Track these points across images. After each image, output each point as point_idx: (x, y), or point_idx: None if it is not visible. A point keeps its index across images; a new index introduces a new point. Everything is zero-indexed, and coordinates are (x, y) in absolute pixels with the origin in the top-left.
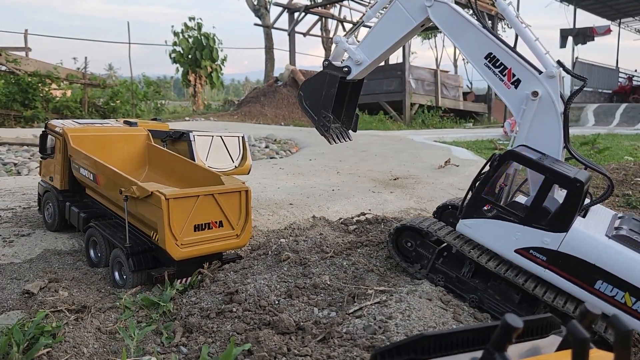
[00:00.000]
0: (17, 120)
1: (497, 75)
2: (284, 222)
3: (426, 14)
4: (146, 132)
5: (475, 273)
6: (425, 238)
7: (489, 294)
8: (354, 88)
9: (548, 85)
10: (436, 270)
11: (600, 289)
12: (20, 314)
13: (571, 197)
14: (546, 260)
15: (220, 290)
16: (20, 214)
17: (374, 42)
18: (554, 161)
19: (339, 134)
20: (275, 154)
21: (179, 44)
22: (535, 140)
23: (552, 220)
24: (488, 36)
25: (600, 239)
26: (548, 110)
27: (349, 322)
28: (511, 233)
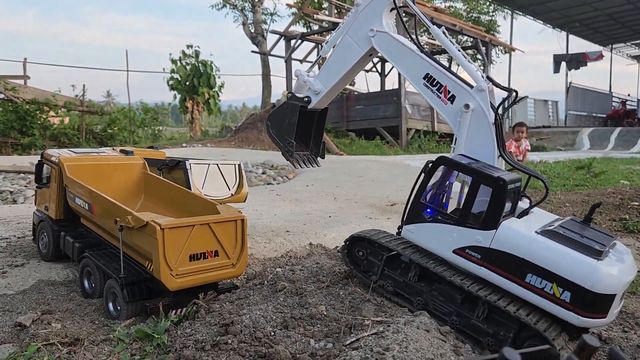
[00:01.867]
0: (14, 147)
1: (434, 93)
2: (281, 249)
3: (371, 43)
4: (142, 161)
5: (421, 277)
6: (374, 247)
7: (434, 296)
8: (319, 117)
9: (479, 97)
10: (385, 277)
11: (531, 282)
12: (11, 347)
13: (496, 194)
14: (480, 257)
15: (215, 321)
16: (15, 244)
17: (329, 72)
18: (485, 166)
19: (305, 160)
20: (272, 180)
21: (176, 71)
22: (472, 150)
23: (483, 219)
24: (425, 59)
25: (528, 234)
26: (480, 120)
27: (346, 354)
28: (448, 234)
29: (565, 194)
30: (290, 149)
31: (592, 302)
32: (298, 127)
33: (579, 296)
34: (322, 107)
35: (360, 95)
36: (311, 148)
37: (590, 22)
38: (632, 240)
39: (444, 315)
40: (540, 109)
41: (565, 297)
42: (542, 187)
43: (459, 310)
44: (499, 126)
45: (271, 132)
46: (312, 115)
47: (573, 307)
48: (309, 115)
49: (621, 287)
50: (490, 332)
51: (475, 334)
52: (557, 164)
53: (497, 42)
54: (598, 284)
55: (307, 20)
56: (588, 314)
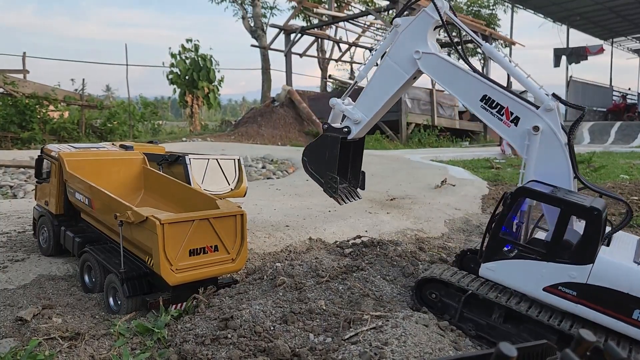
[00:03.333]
0: (14, 142)
1: (495, 115)
2: (280, 244)
3: (416, 66)
4: (142, 156)
5: (506, 318)
6: (449, 288)
7: (524, 338)
8: (356, 146)
9: (547, 118)
10: (465, 320)
11: (639, 318)
12: (12, 342)
13: (591, 226)
14: (576, 294)
15: (215, 316)
16: (15, 239)
17: (370, 99)
18: (567, 192)
19: (347, 194)
20: (272, 174)
21: (176, 65)
22: (545, 174)
23: (576, 253)
24: (480, 79)
25: (629, 266)
26: (551, 142)
27: (345, 349)
28: (536, 271)
29: None
30: (334, 185)
31: None
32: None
33: None
34: (361, 136)
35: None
36: (349, 179)
37: (591, 16)
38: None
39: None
40: None
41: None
42: None
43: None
44: (572, 147)
45: (309, 168)
46: (349, 145)
47: None
48: (345, 145)
49: None
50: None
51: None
52: None
53: (498, 36)
54: None
55: (307, 14)
56: None
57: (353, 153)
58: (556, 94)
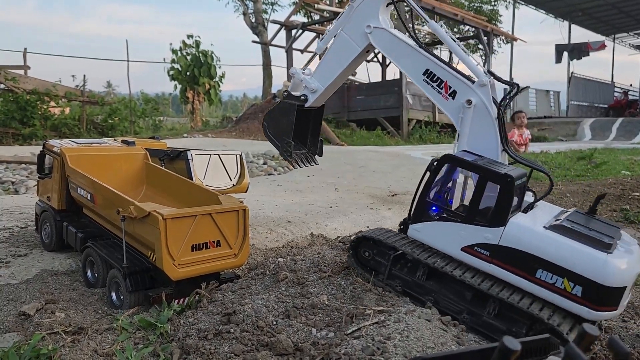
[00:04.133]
0: (15, 138)
1: (435, 89)
2: (282, 240)
3: (368, 40)
4: (144, 152)
5: (430, 276)
6: (380, 247)
7: (444, 295)
8: (316, 115)
9: (481, 93)
10: (393, 277)
11: (541, 277)
12: (16, 336)
13: (503, 191)
14: (489, 255)
15: (217, 310)
16: (18, 234)
17: (326, 70)
18: (490, 162)
19: (303, 159)
20: (273, 170)
21: (177, 61)
22: (475, 145)
23: (491, 216)
24: (424, 54)
25: (537, 230)
26: (483, 116)
27: (347, 343)
28: (456, 232)
29: (566, 185)
30: (288, 149)
31: (603, 296)
32: (295, 126)
33: (590, 290)
34: (319, 105)
35: (361, 86)
36: (308, 146)
37: (593, 12)
38: (632, 230)
39: (455, 314)
40: (541, 100)
41: (576, 292)
42: (543, 178)
43: (470, 307)
44: (502, 121)
45: (268, 132)
46: (309, 114)
47: (584, 301)
48: (305, 113)
49: (631, 278)
50: (503, 329)
51: (488, 331)
52: (558, 154)
53: (499, 32)
54: (609, 278)
55: (308, 10)
56: (599, 307)
57: (313, 122)
58: (492, 71)
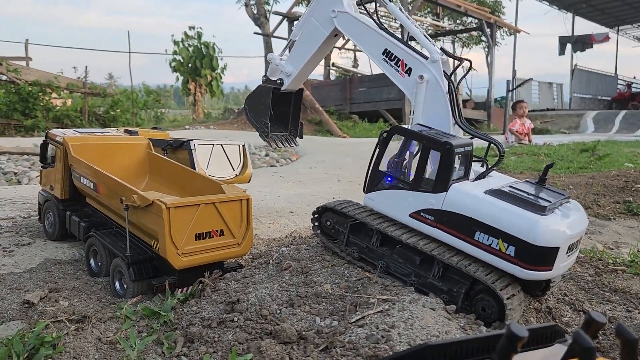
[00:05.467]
0: (17, 129)
1: (393, 67)
2: (285, 230)
3: (333, 24)
4: (147, 141)
5: (383, 242)
6: (340, 216)
7: (394, 259)
8: (296, 99)
9: (432, 68)
10: (351, 244)
11: (479, 239)
12: (20, 324)
13: (444, 158)
14: (434, 219)
15: (221, 299)
16: (21, 224)
17: (298, 54)
18: (438, 133)
19: (283, 140)
20: (275, 162)
21: (179, 52)
22: (429, 119)
23: (434, 183)
24: (383, 35)
25: (475, 194)
26: (435, 90)
27: (352, 332)
28: (404, 199)
29: (569, 177)
30: (265, 130)
31: (535, 255)
32: (276, 109)
33: (522, 250)
34: (296, 89)
35: (363, 78)
36: (290, 129)
37: (597, 3)
38: (635, 222)
39: (404, 277)
40: (544, 92)
41: (510, 252)
42: None
43: (417, 270)
44: (454, 95)
45: (249, 115)
46: (289, 98)
47: (517, 261)
48: (285, 97)
49: (564, 240)
50: (445, 290)
51: (432, 291)
52: (561, 146)
53: (502, 23)
54: (539, 237)
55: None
56: (532, 266)
57: (294, 105)
58: (444, 49)
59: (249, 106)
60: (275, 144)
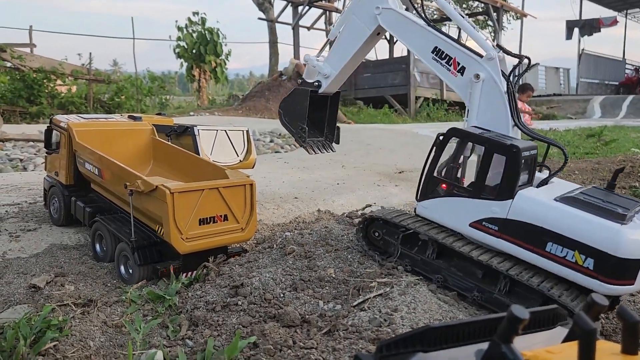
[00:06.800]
0: (22, 116)
1: (444, 66)
2: (289, 215)
3: (377, 22)
4: (151, 127)
5: (439, 254)
6: (390, 226)
7: (452, 272)
8: (332, 102)
9: (489, 67)
10: (403, 256)
11: (551, 251)
12: (27, 308)
13: (510, 163)
14: (498, 229)
15: (225, 283)
16: (27, 209)
17: (338, 55)
18: (498, 135)
19: (320, 146)
20: (280, 148)
21: (183, 39)
22: (485, 121)
23: (498, 189)
24: (432, 32)
25: (546, 202)
26: (492, 90)
27: (354, 315)
28: (463, 208)
29: (575, 162)
30: (303, 135)
31: (617, 268)
32: (311, 113)
33: (603, 263)
34: (334, 91)
35: (368, 63)
36: (326, 134)
37: None
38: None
39: (464, 292)
40: (551, 77)
41: (588, 265)
42: (560, 156)
43: (480, 285)
44: (512, 95)
45: (284, 119)
46: (325, 101)
47: (597, 275)
48: (321, 100)
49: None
50: None
51: (499, 308)
52: (567, 132)
53: (509, 7)
54: (623, 249)
55: None
56: (613, 280)
57: (330, 109)
58: (500, 45)
59: (284, 110)
60: (312, 150)
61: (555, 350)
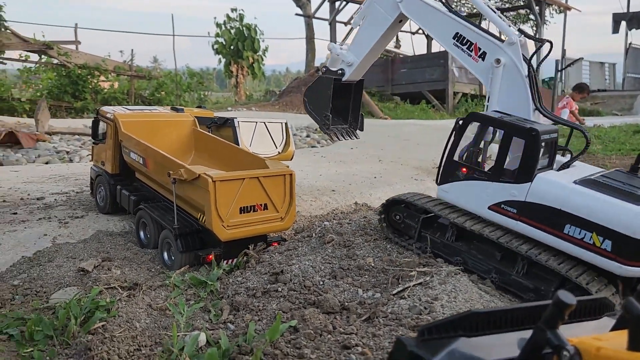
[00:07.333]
0: (67, 111)
1: (465, 52)
2: (327, 207)
3: (399, 10)
4: (192, 118)
5: (459, 236)
6: (410, 209)
7: (472, 255)
8: (356, 90)
9: (510, 51)
10: (423, 239)
11: (569, 233)
12: (76, 290)
13: (529, 146)
14: (516, 212)
15: (265, 270)
16: (74, 198)
17: (360, 43)
18: (518, 119)
19: (344, 133)
20: (316, 142)
21: (221, 35)
22: (506, 105)
23: (517, 172)
24: (454, 18)
25: (564, 184)
26: (513, 74)
27: (394, 303)
28: (483, 191)
29: (620, 158)
30: (327, 122)
31: (635, 250)
32: (335, 101)
33: (620, 244)
34: (357, 79)
35: (405, 58)
36: (350, 121)
37: None
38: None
39: (483, 273)
40: (595, 72)
41: (606, 246)
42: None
43: (499, 267)
44: (533, 79)
45: (308, 107)
46: (349, 89)
47: (615, 256)
48: (345, 89)
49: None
50: (531, 287)
51: (516, 290)
52: (612, 128)
53: (552, 0)
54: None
55: None
56: (632, 262)
57: (354, 96)
58: (522, 29)
59: (308, 98)
60: (337, 137)
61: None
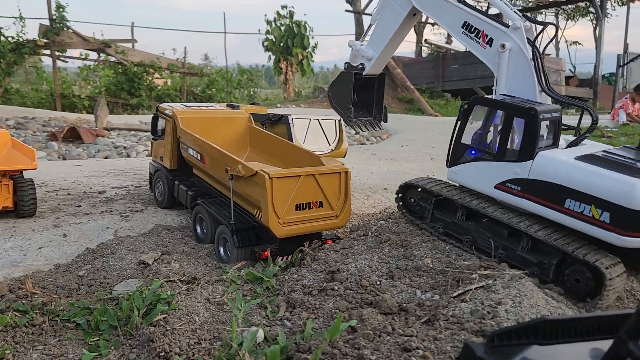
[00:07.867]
0: (124, 108)
1: (474, 39)
2: (379, 206)
3: (411, 3)
4: (248, 115)
5: (468, 216)
6: (423, 192)
7: (481, 233)
8: (379, 83)
9: (515, 36)
10: (435, 219)
11: (570, 207)
12: (137, 282)
13: (528, 124)
14: (520, 189)
15: (321, 268)
16: (133, 192)
17: (378, 37)
18: (522, 101)
19: (367, 124)
20: (365, 140)
21: (271, 32)
22: (513, 88)
23: (519, 151)
24: (462, 8)
25: (565, 160)
26: (518, 58)
27: (455, 306)
28: (489, 171)
29: None
30: (349, 115)
31: (633, 221)
32: (359, 94)
33: (618, 216)
34: (378, 73)
35: (457, 54)
36: (374, 114)
37: None
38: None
39: (491, 250)
40: None
41: (604, 218)
42: None
43: (506, 244)
44: (539, 61)
45: (333, 102)
46: (372, 82)
47: (613, 227)
48: (368, 82)
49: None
50: (535, 262)
51: (522, 264)
52: None
53: None
54: (638, 202)
55: None
56: (630, 232)
57: (377, 90)
58: (526, 14)
59: (332, 93)
60: (360, 129)
61: None
